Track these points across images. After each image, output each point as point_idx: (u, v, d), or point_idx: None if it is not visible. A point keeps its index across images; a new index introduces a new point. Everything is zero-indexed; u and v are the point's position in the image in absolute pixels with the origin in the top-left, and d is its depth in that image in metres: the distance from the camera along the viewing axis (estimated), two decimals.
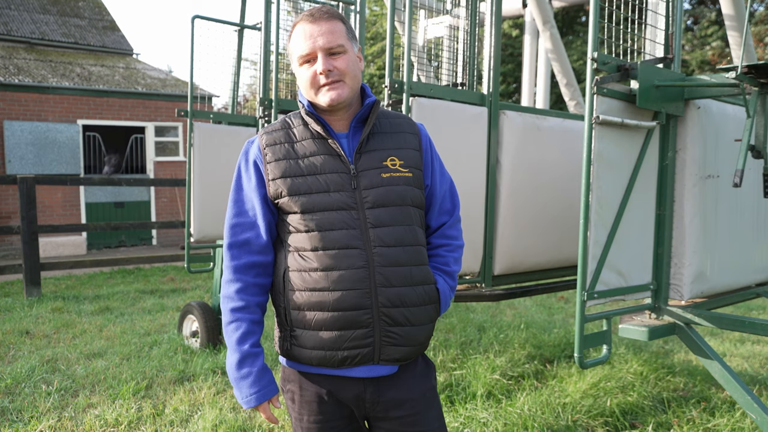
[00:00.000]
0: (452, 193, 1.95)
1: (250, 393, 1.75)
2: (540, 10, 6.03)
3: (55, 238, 12.24)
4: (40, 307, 6.93)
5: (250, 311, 1.77)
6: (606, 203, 2.66)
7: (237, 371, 1.75)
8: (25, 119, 12.27)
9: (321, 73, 1.70)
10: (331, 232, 1.69)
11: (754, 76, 2.55)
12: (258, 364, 1.76)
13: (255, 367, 1.75)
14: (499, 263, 3.70)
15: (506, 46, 17.10)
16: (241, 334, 1.75)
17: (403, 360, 1.76)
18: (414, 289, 1.74)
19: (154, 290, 8.22)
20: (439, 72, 4.61)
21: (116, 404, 3.90)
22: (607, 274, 2.71)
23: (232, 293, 1.77)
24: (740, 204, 3.19)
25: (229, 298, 1.78)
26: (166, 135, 14.04)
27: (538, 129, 3.76)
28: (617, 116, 2.64)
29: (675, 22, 2.94)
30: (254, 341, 1.76)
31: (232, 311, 1.77)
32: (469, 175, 3.50)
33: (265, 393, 1.76)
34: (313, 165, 1.72)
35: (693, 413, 3.71)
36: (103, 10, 16.72)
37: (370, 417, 1.83)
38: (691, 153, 2.88)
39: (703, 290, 3.00)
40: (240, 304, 1.76)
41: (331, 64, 1.70)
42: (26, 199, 7.65)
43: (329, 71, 1.70)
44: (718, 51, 15.52)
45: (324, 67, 1.69)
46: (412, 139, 1.84)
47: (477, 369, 4.39)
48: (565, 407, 3.73)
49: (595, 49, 2.54)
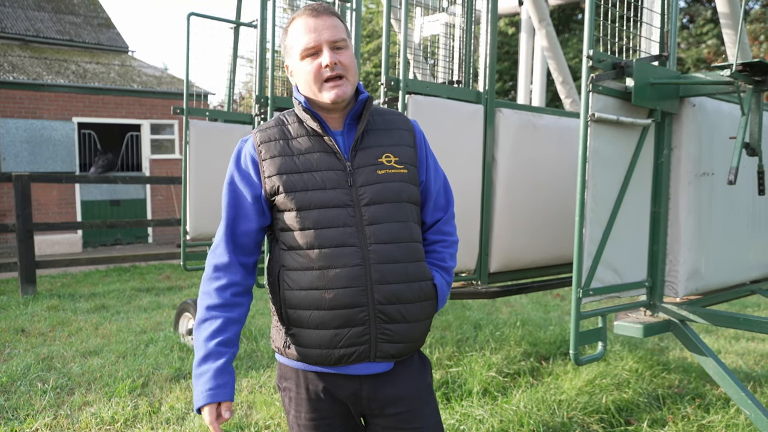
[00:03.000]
0: (446, 189, 1.95)
1: (202, 390, 1.67)
2: (536, 7, 6.03)
3: (51, 236, 12.19)
4: (36, 305, 6.91)
5: (226, 309, 1.74)
6: (601, 200, 2.67)
7: (196, 368, 1.70)
8: (20, 117, 12.22)
9: (327, 66, 1.69)
10: (326, 230, 1.68)
11: (748, 74, 2.56)
12: (219, 362, 1.69)
13: (215, 365, 1.68)
14: (495, 260, 3.71)
15: (502, 43, 17.11)
16: (211, 332, 1.71)
17: (398, 357, 1.76)
18: (410, 286, 1.74)
19: (150, 288, 8.20)
20: (435, 70, 4.61)
21: (112, 402, 3.89)
22: (602, 272, 2.72)
23: (212, 290, 1.74)
24: (735, 201, 3.20)
25: (207, 294, 1.74)
26: (162, 132, 14.00)
27: (534, 127, 3.76)
28: (613, 114, 2.65)
29: (670, 20, 2.94)
30: (222, 339, 1.71)
31: (208, 308, 1.73)
32: (465, 173, 3.51)
33: (215, 393, 1.67)
34: (309, 162, 1.72)
35: (688, 410, 3.72)
36: (98, 8, 16.65)
37: (366, 414, 1.83)
38: (686, 150, 2.89)
39: (698, 287, 3.01)
40: (218, 302, 1.73)
41: (336, 57, 1.69)
42: (21, 197, 7.62)
43: (335, 64, 1.69)
44: (714, 49, 15.56)
45: (331, 59, 1.68)
46: (407, 135, 1.84)
47: (473, 366, 4.40)
48: (560, 404, 3.74)
49: (590, 46, 2.54)
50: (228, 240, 1.77)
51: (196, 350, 1.72)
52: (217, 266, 1.76)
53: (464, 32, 4.01)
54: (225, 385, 1.69)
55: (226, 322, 1.73)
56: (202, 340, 1.71)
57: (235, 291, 1.76)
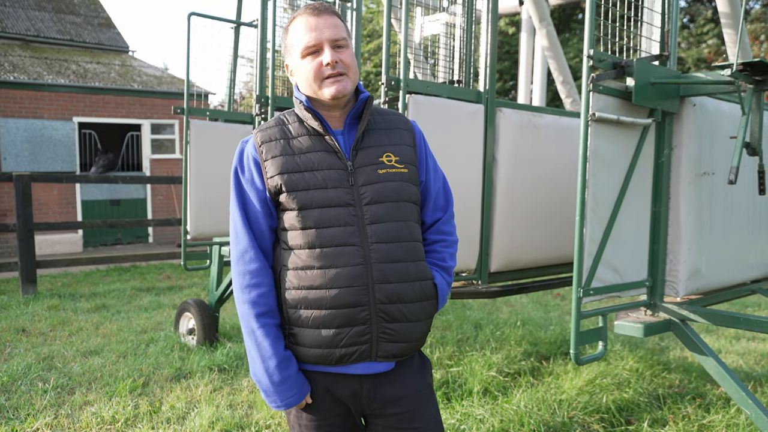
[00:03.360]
0: (446, 189, 1.95)
1: (292, 393, 1.74)
2: (536, 7, 6.03)
3: (51, 235, 12.20)
4: (36, 305, 6.92)
5: (273, 315, 1.76)
6: (602, 200, 2.67)
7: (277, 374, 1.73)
8: (20, 117, 12.22)
9: (328, 64, 1.70)
10: (328, 229, 1.69)
11: (749, 73, 2.56)
12: (295, 364, 1.76)
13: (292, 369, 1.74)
14: (496, 260, 3.71)
15: (502, 43, 17.11)
16: (273, 339, 1.73)
17: (399, 356, 1.76)
18: (411, 285, 1.74)
19: (151, 288, 8.20)
20: (436, 69, 4.61)
21: (113, 402, 3.89)
22: (602, 271, 2.72)
23: (255, 297, 1.73)
24: (735, 201, 3.20)
25: (251, 303, 1.73)
26: (162, 132, 14.00)
27: (534, 126, 3.76)
28: (613, 113, 2.65)
29: (671, 19, 2.94)
30: (285, 344, 1.76)
31: (258, 316, 1.73)
32: (466, 173, 3.51)
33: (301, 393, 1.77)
34: (311, 161, 1.72)
35: (688, 409, 3.72)
36: (98, 7, 16.66)
37: (367, 414, 1.84)
38: (686, 150, 2.89)
39: (698, 287, 3.01)
40: (264, 309, 1.74)
41: (337, 56, 1.71)
42: (22, 196, 7.62)
43: (336, 62, 1.70)
44: (714, 49, 15.55)
45: (332, 58, 1.69)
46: (407, 135, 1.84)
47: (473, 366, 4.40)
48: (561, 404, 3.74)
49: (591, 46, 2.54)
50: (253, 244, 1.76)
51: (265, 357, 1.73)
52: (252, 272, 1.75)
53: (465, 32, 4.00)
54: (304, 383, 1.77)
55: (278, 327, 1.76)
56: (268, 345, 1.73)
57: (273, 295, 1.77)
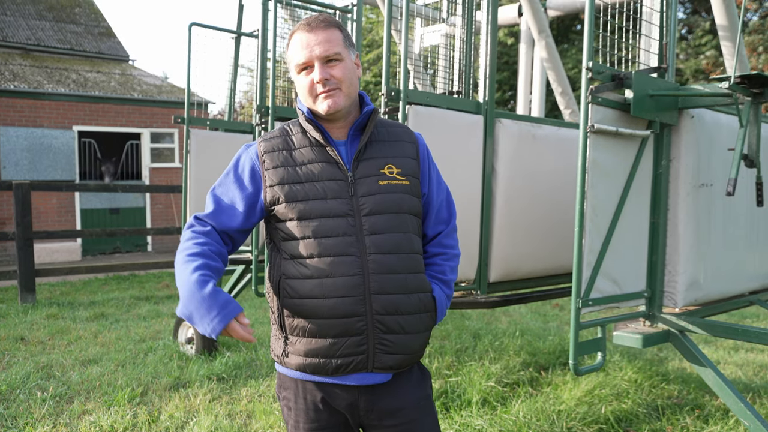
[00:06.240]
0: (449, 203, 1.96)
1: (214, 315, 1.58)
2: (535, 18, 6.07)
3: (50, 244, 12.19)
4: (35, 314, 6.90)
5: (206, 257, 1.68)
6: (601, 211, 2.68)
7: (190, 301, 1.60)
8: (20, 125, 12.24)
9: (318, 82, 1.72)
10: (326, 239, 1.69)
11: (746, 86, 2.58)
12: (210, 286, 1.60)
13: (207, 290, 1.59)
14: (495, 270, 3.71)
15: (502, 54, 17.17)
16: (192, 268, 1.64)
17: (396, 368, 1.76)
18: (409, 297, 1.74)
19: (149, 297, 8.19)
20: (435, 80, 4.64)
21: (111, 411, 3.88)
22: (601, 282, 2.73)
23: (191, 245, 1.70)
24: (733, 212, 3.22)
25: (185, 249, 1.70)
26: (162, 141, 14.03)
27: (533, 137, 3.78)
28: (612, 125, 2.66)
29: (669, 31, 2.97)
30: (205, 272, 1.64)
31: (189, 256, 1.67)
32: (465, 183, 3.52)
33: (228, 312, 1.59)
34: (311, 172, 1.74)
35: (687, 420, 3.72)
36: (99, 17, 16.72)
37: (365, 425, 1.83)
38: (684, 162, 2.90)
39: (696, 298, 3.02)
40: (197, 250, 1.68)
41: (327, 72, 1.72)
42: (21, 205, 7.63)
43: (326, 80, 1.72)
44: (712, 60, 15.62)
45: (321, 76, 1.71)
46: (410, 147, 1.85)
47: (472, 376, 4.39)
48: (559, 414, 3.73)
49: (590, 58, 2.56)
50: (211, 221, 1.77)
51: (183, 289, 1.63)
52: (196, 232, 1.74)
53: (464, 43, 4.03)
54: (229, 301, 1.61)
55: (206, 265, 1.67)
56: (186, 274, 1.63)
57: (213, 249, 1.72)
